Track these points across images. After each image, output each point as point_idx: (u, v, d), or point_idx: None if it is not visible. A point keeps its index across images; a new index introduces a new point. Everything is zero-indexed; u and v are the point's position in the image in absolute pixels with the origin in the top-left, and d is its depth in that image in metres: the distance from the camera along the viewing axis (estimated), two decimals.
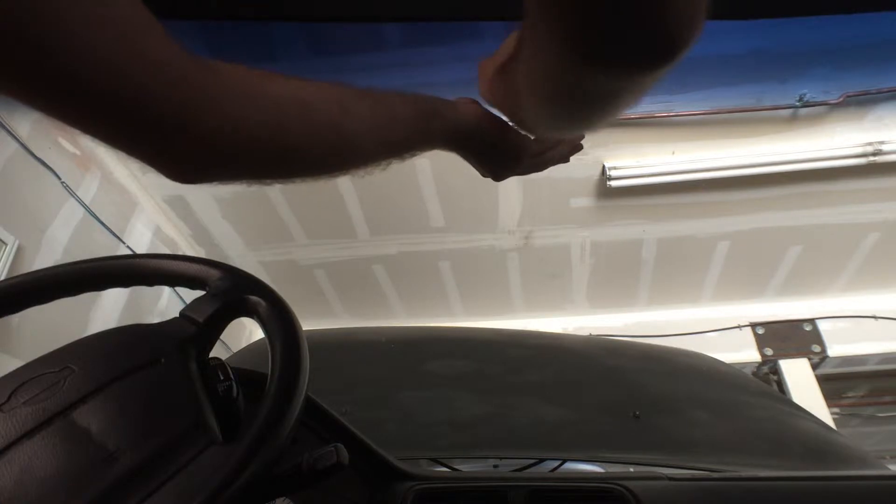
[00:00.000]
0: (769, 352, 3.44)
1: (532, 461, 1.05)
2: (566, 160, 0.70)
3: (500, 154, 0.63)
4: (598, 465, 1.21)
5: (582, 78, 0.36)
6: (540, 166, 0.68)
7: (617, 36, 0.31)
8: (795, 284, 3.45)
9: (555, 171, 0.71)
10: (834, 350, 3.36)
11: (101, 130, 0.38)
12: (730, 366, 1.64)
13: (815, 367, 3.39)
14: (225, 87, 0.41)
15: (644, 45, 0.31)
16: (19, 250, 2.12)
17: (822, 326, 3.44)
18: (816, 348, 3.38)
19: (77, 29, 0.32)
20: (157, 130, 0.38)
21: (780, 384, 3.36)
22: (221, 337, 0.56)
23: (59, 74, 0.33)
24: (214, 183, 0.46)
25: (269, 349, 0.50)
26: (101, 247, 2.59)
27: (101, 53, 0.34)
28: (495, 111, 0.60)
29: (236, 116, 0.41)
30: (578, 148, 0.70)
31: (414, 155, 0.57)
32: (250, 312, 0.54)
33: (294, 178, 0.50)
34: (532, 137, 0.64)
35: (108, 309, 2.59)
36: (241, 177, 0.47)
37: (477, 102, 0.61)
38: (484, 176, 0.66)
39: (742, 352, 3.47)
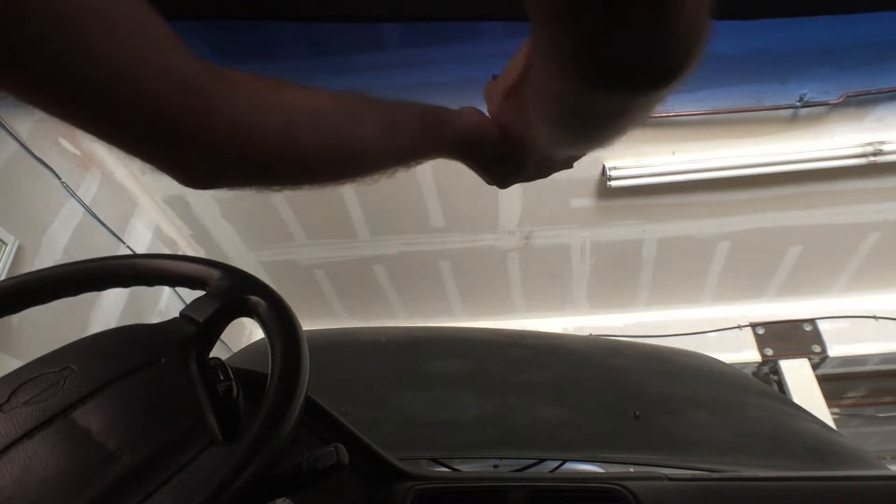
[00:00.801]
0: (769, 352, 3.44)
1: (532, 461, 1.05)
2: (570, 166, 0.71)
3: (504, 162, 0.64)
4: (599, 466, 1.21)
5: (588, 101, 0.37)
6: (544, 172, 0.69)
7: (620, 62, 0.31)
8: (795, 284, 3.45)
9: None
10: (834, 350, 3.36)
11: (112, 135, 0.39)
12: (730, 366, 1.64)
13: (815, 367, 3.39)
14: (236, 94, 0.42)
15: (647, 70, 0.32)
16: (19, 250, 2.12)
17: (823, 326, 3.44)
18: (817, 348, 3.38)
19: (91, 35, 0.33)
20: (168, 136, 0.39)
21: (781, 384, 3.35)
22: (221, 337, 0.56)
23: (73, 79, 0.33)
24: (225, 189, 0.47)
25: (269, 349, 0.50)
26: (102, 247, 2.59)
27: (114, 60, 0.34)
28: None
29: (247, 124, 0.42)
30: (577, 157, 0.71)
31: (420, 163, 0.58)
32: (250, 312, 0.54)
33: (303, 185, 0.51)
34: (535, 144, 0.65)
35: (109, 309, 2.59)
36: (251, 183, 0.48)
37: (481, 112, 0.62)
38: (489, 184, 0.67)
39: (742, 352, 3.47)
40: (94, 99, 0.35)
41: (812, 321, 3.47)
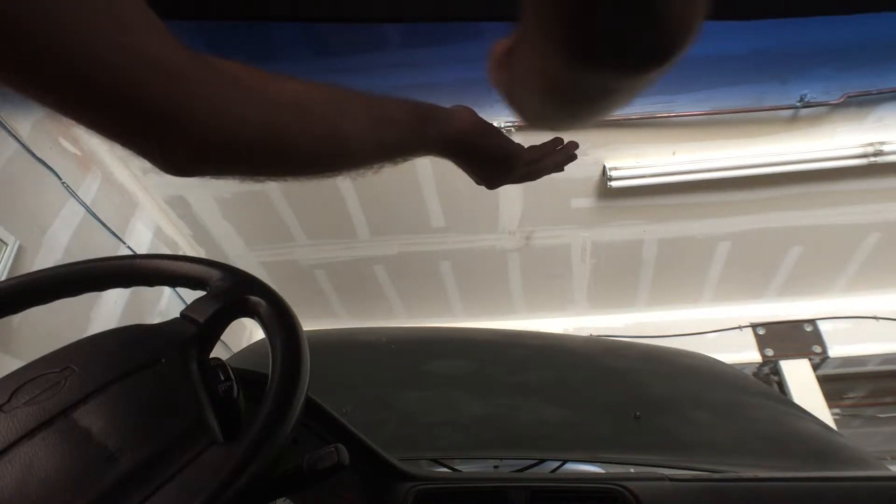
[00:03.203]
0: (770, 352, 3.44)
1: (532, 462, 1.05)
2: (560, 169, 0.71)
3: (493, 162, 0.64)
4: (599, 466, 1.21)
5: (575, 78, 0.36)
6: (534, 175, 0.69)
7: (611, 39, 0.31)
8: (796, 285, 3.44)
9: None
10: (835, 351, 3.36)
11: (96, 123, 0.38)
12: (730, 366, 1.64)
13: (815, 367, 3.39)
14: (222, 82, 0.41)
15: (638, 48, 0.31)
16: (20, 250, 2.12)
17: (823, 327, 3.44)
18: (817, 349, 3.37)
19: (74, 24, 0.33)
20: (152, 123, 0.38)
21: (781, 385, 3.35)
22: (222, 337, 0.56)
23: (57, 69, 0.33)
24: (208, 177, 0.46)
25: (269, 349, 0.50)
26: (102, 247, 2.59)
27: (98, 48, 0.34)
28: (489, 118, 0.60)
29: (232, 112, 0.41)
30: (572, 157, 0.71)
31: (407, 159, 0.57)
32: (251, 313, 0.54)
33: (288, 175, 0.51)
34: (526, 146, 0.65)
35: (109, 309, 2.59)
36: (235, 172, 0.47)
37: (472, 110, 0.61)
38: (478, 183, 0.67)
39: (743, 352, 3.47)
40: (76, 86, 0.34)
41: (812, 321, 3.47)
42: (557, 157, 0.70)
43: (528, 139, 0.68)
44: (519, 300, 3.73)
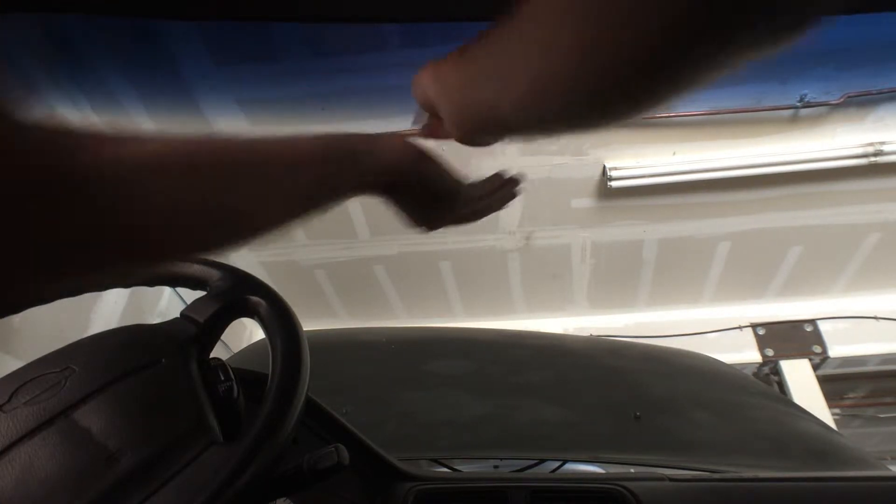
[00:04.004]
0: (770, 352, 3.44)
1: (532, 462, 1.05)
2: (501, 207, 0.61)
3: (431, 199, 0.54)
4: (599, 466, 1.21)
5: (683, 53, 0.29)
6: (477, 215, 0.59)
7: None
8: (796, 285, 3.44)
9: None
10: (835, 351, 3.36)
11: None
12: (730, 366, 1.64)
13: (815, 367, 3.38)
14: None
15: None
16: None
17: (823, 327, 3.44)
18: (817, 349, 3.37)
19: None
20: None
21: (781, 385, 3.35)
22: (222, 337, 0.56)
23: None
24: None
25: (269, 349, 0.50)
26: None
27: None
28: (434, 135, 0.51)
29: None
30: (513, 196, 0.62)
31: (340, 202, 0.47)
32: (251, 313, 0.54)
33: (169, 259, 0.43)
34: (466, 183, 0.56)
35: (109, 309, 2.59)
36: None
37: (404, 137, 0.51)
38: (415, 226, 0.56)
39: (743, 352, 3.47)
40: None
41: (812, 321, 3.46)
42: (503, 194, 0.60)
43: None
44: (519, 300, 3.73)
